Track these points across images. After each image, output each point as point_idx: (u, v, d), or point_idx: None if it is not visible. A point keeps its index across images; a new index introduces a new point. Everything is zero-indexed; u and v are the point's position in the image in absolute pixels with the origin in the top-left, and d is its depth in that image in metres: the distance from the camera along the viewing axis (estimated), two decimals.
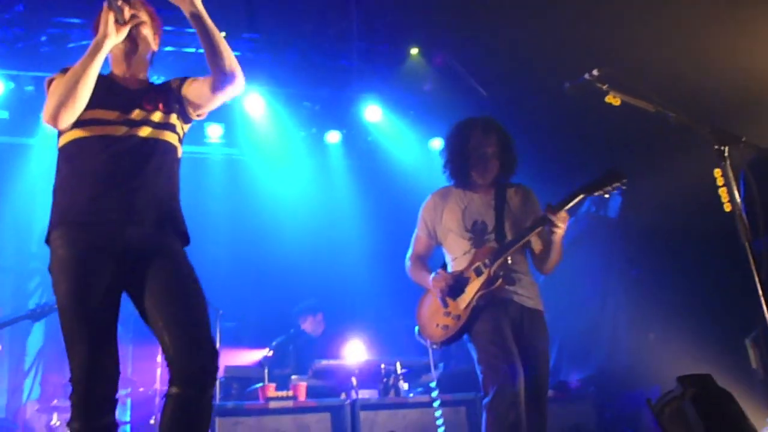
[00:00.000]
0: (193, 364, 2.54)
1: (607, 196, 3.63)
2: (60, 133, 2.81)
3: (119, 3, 2.75)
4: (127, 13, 2.80)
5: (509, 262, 3.65)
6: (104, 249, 2.61)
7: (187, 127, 3.01)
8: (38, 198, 7.26)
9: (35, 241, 7.51)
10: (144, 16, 2.91)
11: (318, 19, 6.71)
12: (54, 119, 2.68)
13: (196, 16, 2.78)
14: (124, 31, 2.79)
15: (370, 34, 6.91)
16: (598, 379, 6.06)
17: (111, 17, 2.74)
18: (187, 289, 2.67)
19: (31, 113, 6.91)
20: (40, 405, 6.14)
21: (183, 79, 2.99)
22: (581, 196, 3.59)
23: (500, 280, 3.60)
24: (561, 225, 3.54)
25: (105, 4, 2.75)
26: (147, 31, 2.92)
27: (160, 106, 2.88)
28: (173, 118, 2.91)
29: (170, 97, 2.93)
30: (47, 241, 2.71)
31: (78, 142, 2.75)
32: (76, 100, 2.67)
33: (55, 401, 5.84)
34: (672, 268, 5.98)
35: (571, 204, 3.57)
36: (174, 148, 2.89)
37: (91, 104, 2.74)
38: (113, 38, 2.76)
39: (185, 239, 2.85)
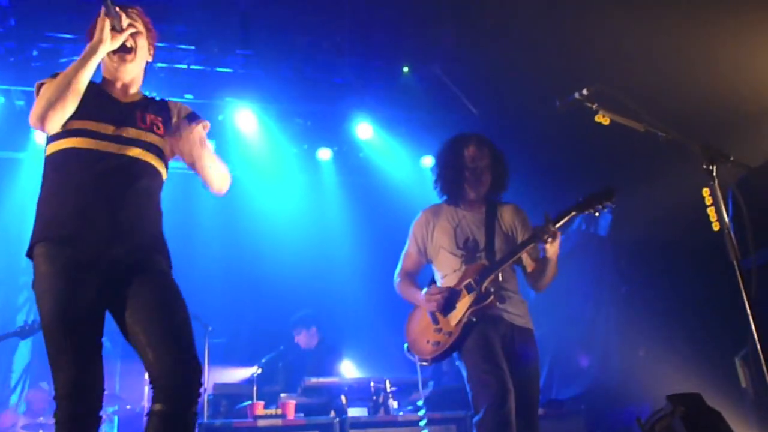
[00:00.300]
0: (177, 381, 2.49)
1: (597, 214, 3.65)
2: (49, 141, 2.76)
3: (116, 9, 2.72)
4: (124, 21, 2.77)
5: (500, 279, 3.65)
6: (88, 265, 2.57)
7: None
8: (28, 212, 7.13)
9: (24, 256, 7.46)
10: (140, 26, 2.89)
11: (310, 35, 6.74)
12: (41, 121, 2.64)
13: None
14: (120, 39, 2.76)
15: (362, 50, 6.94)
16: (589, 397, 6.05)
17: (107, 24, 2.71)
18: (170, 306, 2.62)
19: (22, 128, 6.90)
20: (25, 421, 6.08)
21: (187, 122, 2.93)
22: (573, 213, 3.61)
23: (492, 297, 3.59)
24: (553, 240, 3.55)
25: (102, 11, 2.72)
26: (143, 42, 2.90)
27: (155, 129, 2.84)
28: (165, 148, 2.88)
29: (168, 127, 2.90)
30: (29, 254, 2.67)
31: (67, 152, 2.70)
32: (66, 103, 2.63)
33: (41, 418, 5.79)
34: (662, 285, 6.00)
35: (563, 221, 3.59)
36: (161, 175, 2.87)
37: (83, 114, 2.70)
38: (108, 45, 2.72)
39: (169, 262, 2.81)
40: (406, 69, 7.11)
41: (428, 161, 7.74)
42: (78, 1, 5.82)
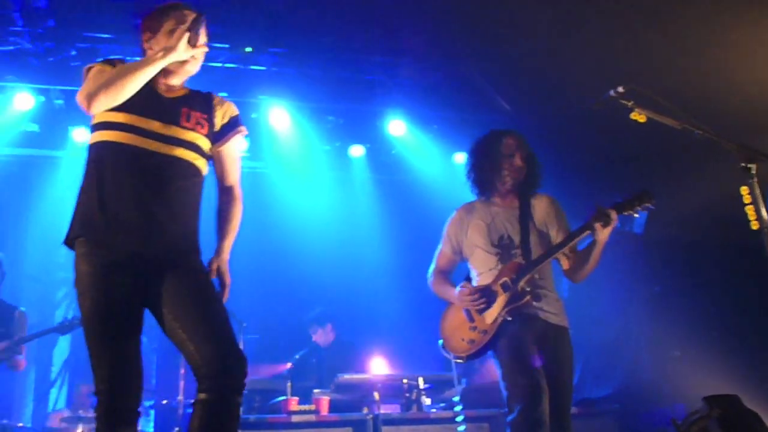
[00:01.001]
0: (219, 368, 2.51)
1: (636, 215, 3.63)
2: (93, 130, 2.78)
3: (201, 27, 2.78)
4: (202, 38, 2.82)
5: (536, 277, 3.64)
6: (124, 265, 2.61)
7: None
8: (66, 209, 7.30)
9: (62, 252, 7.59)
10: (204, 38, 2.90)
11: (342, 33, 6.75)
12: (89, 99, 2.64)
13: None
14: (190, 53, 2.80)
15: (394, 48, 6.94)
16: (622, 396, 6.00)
17: (186, 36, 2.75)
18: (206, 298, 2.65)
19: (61, 126, 7.02)
20: (65, 415, 6.20)
21: (232, 128, 2.97)
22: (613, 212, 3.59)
23: (528, 297, 3.58)
24: (607, 226, 3.52)
25: (186, 24, 2.77)
26: (202, 54, 2.92)
27: (198, 128, 2.85)
28: (207, 146, 2.89)
29: (211, 127, 2.90)
30: (67, 243, 2.72)
31: (109, 145, 2.72)
32: (118, 92, 2.64)
33: (81, 411, 5.90)
34: (696, 284, 5.94)
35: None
36: (201, 173, 2.87)
37: (128, 107, 2.71)
38: (179, 55, 2.76)
39: (201, 260, 2.82)
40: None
41: (460, 158, 7.72)
42: (115, 2, 5.91)
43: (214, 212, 3.01)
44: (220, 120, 2.95)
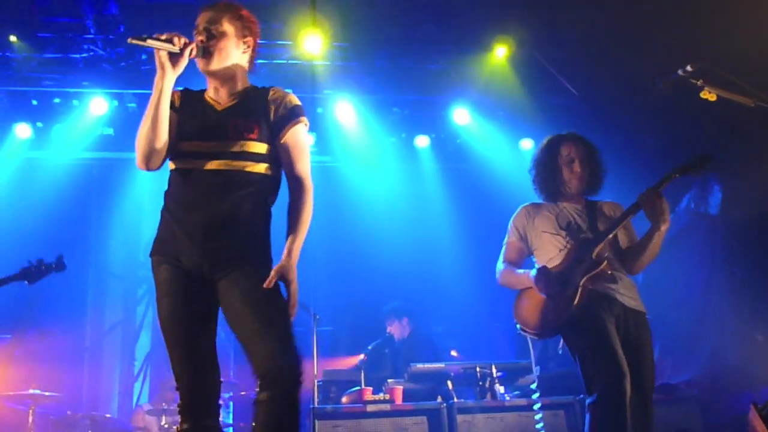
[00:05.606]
0: (271, 368, 2.57)
1: (698, 176, 3.62)
2: (168, 158, 2.87)
3: (163, 38, 2.67)
4: (178, 41, 2.69)
5: (609, 256, 3.64)
6: (191, 275, 2.72)
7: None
8: (145, 209, 7.63)
9: (143, 250, 7.88)
10: (225, 26, 2.85)
11: (405, 24, 6.76)
12: (142, 168, 2.83)
13: None
14: (183, 61, 2.73)
15: (456, 36, 6.90)
16: (703, 381, 5.87)
17: (162, 53, 2.69)
18: (256, 304, 2.65)
19: (134, 129, 7.17)
20: (149, 408, 6.43)
21: (290, 119, 2.86)
22: (672, 176, 3.63)
23: (605, 263, 3.58)
24: (657, 207, 3.55)
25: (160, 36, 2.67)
26: (225, 43, 2.84)
27: (246, 135, 2.79)
28: (262, 148, 2.81)
29: (265, 124, 2.83)
30: (150, 255, 2.85)
31: (176, 172, 2.83)
32: (150, 151, 2.76)
33: (164, 404, 6.11)
34: None
35: (664, 185, 3.61)
36: (258, 178, 2.80)
37: (186, 134, 2.81)
38: (170, 74, 2.73)
39: (261, 263, 2.75)
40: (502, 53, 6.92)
41: (527, 144, 7.68)
42: (182, 5, 6.05)
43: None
44: (275, 113, 2.86)
